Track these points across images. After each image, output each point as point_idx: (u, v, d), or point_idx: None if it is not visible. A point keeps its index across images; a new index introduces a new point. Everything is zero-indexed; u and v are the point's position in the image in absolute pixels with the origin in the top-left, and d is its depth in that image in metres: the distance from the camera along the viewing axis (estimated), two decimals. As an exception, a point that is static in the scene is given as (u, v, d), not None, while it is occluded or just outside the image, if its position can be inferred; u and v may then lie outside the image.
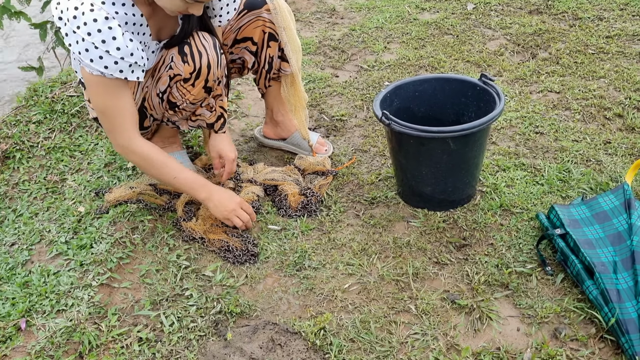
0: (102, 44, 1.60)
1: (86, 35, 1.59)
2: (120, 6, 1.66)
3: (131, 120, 1.79)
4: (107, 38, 1.60)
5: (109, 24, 1.60)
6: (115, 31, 1.61)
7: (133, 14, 1.70)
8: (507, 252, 1.84)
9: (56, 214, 2.09)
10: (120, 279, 1.81)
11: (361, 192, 2.16)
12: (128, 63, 1.66)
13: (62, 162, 2.36)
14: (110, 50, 1.62)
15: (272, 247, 1.92)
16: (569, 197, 2.04)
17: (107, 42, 1.61)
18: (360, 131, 2.55)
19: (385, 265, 1.83)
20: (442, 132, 1.82)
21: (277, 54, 2.18)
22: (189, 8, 1.66)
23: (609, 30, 3.38)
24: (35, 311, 1.69)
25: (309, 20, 3.83)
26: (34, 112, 2.59)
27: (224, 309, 1.70)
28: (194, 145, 2.44)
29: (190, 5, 1.64)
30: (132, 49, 1.66)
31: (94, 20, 1.58)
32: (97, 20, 1.58)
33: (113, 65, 1.64)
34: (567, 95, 2.73)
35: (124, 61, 1.65)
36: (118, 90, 1.73)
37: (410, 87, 2.13)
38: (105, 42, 1.60)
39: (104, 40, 1.60)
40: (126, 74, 1.68)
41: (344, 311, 1.68)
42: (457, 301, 1.69)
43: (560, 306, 1.64)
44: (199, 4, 1.65)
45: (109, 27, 1.60)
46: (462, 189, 2.03)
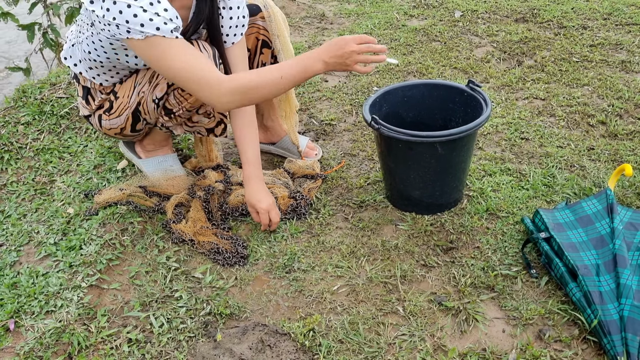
0: (150, 6, 1.58)
1: (132, 1, 1.56)
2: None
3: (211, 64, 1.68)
4: (153, 0, 1.59)
5: None
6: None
7: None
8: (493, 255, 1.87)
9: (45, 215, 2.09)
10: (109, 280, 1.81)
11: (350, 196, 2.18)
12: (175, 25, 1.63)
13: (51, 163, 2.36)
14: (159, 11, 1.59)
15: (262, 250, 1.94)
16: (553, 202, 2.08)
17: (154, 5, 1.59)
18: (349, 135, 2.58)
19: (373, 267, 1.85)
20: (430, 137, 1.85)
21: (270, 61, 2.20)
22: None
23: (593, 39, 3.44)
24: (23, 312, 1.69)
25: (298, 25, 3.86)
26: (23, 113, 2.58)
27: (214, 311, 1.71)
28: (184, 148, 2.45)
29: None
30: (174, 12, 1.63)
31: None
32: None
33: (164, 26, 1.60)
34: (552, 102, 2.78)
35: (172, 22, 1.62)
36: (177, 46, 1.63)
37: (399, 92, 2.16)
38: (152, 5, 1.59)
39: (151, 3, 1.59)
40: (176, 33, 1.63)
41: (332, 313, 1.70)
42: (444, 303, 1.71)
43: (544, 308, 1.67)
44: None
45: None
46: (450, 193, 2.06)
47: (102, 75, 1.92)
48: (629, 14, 3.79)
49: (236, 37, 1.95)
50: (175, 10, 1.64)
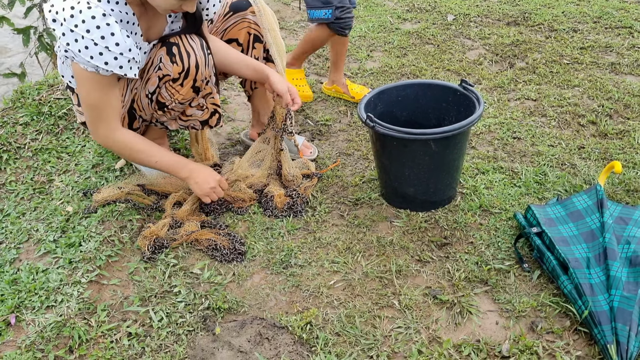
0: (101, 40, 1.64)
1: (85, 33, 1.62)
2: (114, 4, 1.71)
3: (117, 113, 1.88)
4: (106, 34, 1.64)
5: (107, 21, 1.64)
6: (114, 27, 1.66)
7: (126, 12, 1.74)
8: (486, 250, 1.91)
9: (44, 213, 2.11)
10: (109, 276, 1.84)
11: (345, 194, 2.22)
12: (127, 59, 1.71)
13: (50, 163, 2.38)
14: (110, 46, 1.66)
15: (259, 246, 1.97)
16: (545, 199, 2.12)
17: (106, 38, 1.65)
18: (344, 135, 2.62)
19: (369, 263, 1.89)
20: (424, 134, 1.89)
21: (263, 55, 2.24)
22: (182, 5, 1.71)
23: (583, 42, 3.50)
24: (24, 307, 1.71)
25: (293, 28, 3.90)
26: (21, 114, 2.60)
27: (212, 305, 1.73)
28: (181, 147, 2.47)
29: (184, 2, 1.69)
30: (129, 45, 1.70)
31: (92, 17, 1.62)
32: (95, 17, 1.62)
33: (113, 61, 1.68)
34: (543, 102, 2.82)
35: (123, 57, 1.69)
36: (109, 86, 1.79)
37: (394, 92, 2.20)
38: (104, 38, 1.64)
39: (103, 37, 1.64)
40: (125, 70, 1.72)
41: (329, 306, 1.73)
42: (438, 296, 1.75)
43: (536, 301, 1.71)
44: (192, 0, 1.70)
45: (107, 24, 1.64)
46: (443, 190, 2.09)
47: None
48: (618, 17, 3.85)
49: (215, 7, 2.01)
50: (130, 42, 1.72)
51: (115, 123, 1.87)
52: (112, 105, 1.83)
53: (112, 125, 1.87)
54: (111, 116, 1.85)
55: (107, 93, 1.80)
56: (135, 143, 1.92)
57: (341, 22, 2.64)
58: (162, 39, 1.92)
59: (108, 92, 1.80)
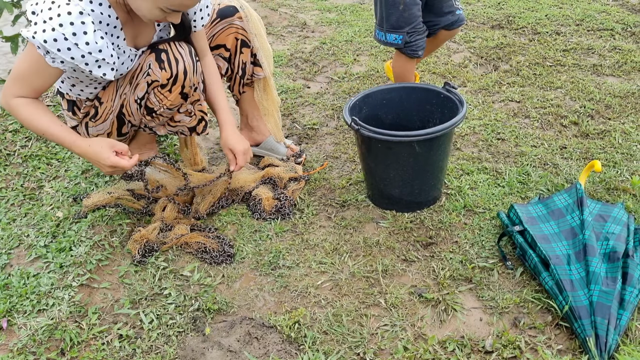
0: (72, 36, 1.67)
1: (58, 26, 1.65)
2: (97, 5, 1.73)
3: (31, 88, 1.81)
4: (77, 31, 1.67)
5: (82, 19, 1.67)
6: (87, 27, 1.68)
7: (109, 15, 1.77)
8: (470, 248, 1.95)
9: (34, 219, 2.13)
10: (99, 280, 1.86)
11: (333, 196, 2.25)
12: (95, 58, 1.73)
13: (39, 169, 2.40)
14: (79, 43, 1.68)
15: (248, 248, 2.00)
16: (527, 198, 2.17)
17: (77, 35, 1.67)
18: (331, 139, 2.65)
19: (356, 263, 1.92)
20: (408, 137, 1.93)
21: (250, 59, 2.28)
22: (167, 17, 1.74)
23: (566, 44, 3.56)
24: (16, 311, 1.73)
25: (280, 33, 3.94)
26: (10, 121, 2.62)
27: (202, 307, 1.76)
28: (170, 152, 2.50)
29: (168, 14, 1.72)
30: (101, 46, 1.72)
31: (68, 13, 1.65)
32: (71, 14, 1.65)
33: (80, 58, 1.70)
34: (526, 104, 2.88)
35: (91, 56, 1.71)
36: (46, 73, 1.76)
37: (379, 95, 2.24)
38: (75, 35, 1.67)
39: (74, 33, 1.66)
40: (91, 67, 1.74)
41: (317, 306, 1.77)
42: (424, 295, 1.78)
43: (519, 297, 1.75)
44: (176, 12, 1.74)
45: (81, 22, 1.67)
46: (428, 191, 2.14)
47: (85, 90, 1.98)
48: (600, 19, 3.92)
49: (203, 20, 2.03)
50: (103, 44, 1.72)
51: (21, 92, 1.80)
52: (32, 82, 1.79)
53: (16, 92, 1.80)
54: (23, 87, 1.80)
55: (37, 74, 1.77)
56: (24, 112, 1.82)
57: (412, 45, 2.52)
58: (151, 45, 1.95)
59: (39, 74, 1.77)
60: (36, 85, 1.81)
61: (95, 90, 2.01)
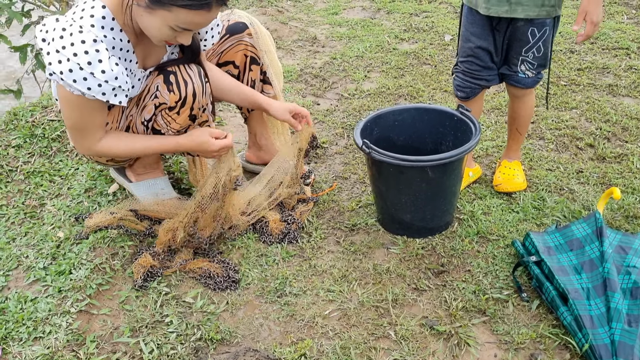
0: (87, 65, 1.62)
1: (72, 56, 1.60)
2: (108, 30, 1.69)
3: (99, 127, 1.82)
4: (93, 60, 1.62)
5: (97, 47, 1.62)
6: (102, 54, 1.63)
7: (120, 39, 1.72)
8: (484, 278, 1.88)
9: (34, 239, 2.07)
10: (99, 306, 1.80)
11: (342, 219, 2.19)
12: (112, 87, 1.68)
13: (42, 186, 2.35)
14: (95, 72, 1.63)
15: (253, 274, 1.93)
16: (543, 225, 2.09)
17: (92, 64, 1.62)
18: (340, 158, 2.59)
19: (365, 291, 1.85)
20: (421, 161, 1.86)
21: (259, 77, 2.22)
22: (177, 37, 1.69)
23: (580, 63, 3.50)
24: (11, 338, 1.67)
25: (290, 48, 3.90)
26: (14, 136, 2.58)
27: (205, 336, 1.69)
28: (176, 171, 2.45)
29: (178, 34, 1.67)
30: (116, 73, 1.68)
31: (82, 41, 1.60)
32: (85, 42, 1.60)
33: (96, 88, 1.66)
34: (540, 125, 2.81)
35: (107, 84, 1.67)
36: (94, 110, 1.75)
37: (390, 116, 2.18)
38: (91, 64, 1.62)
39: (90, 62, 1.62)
40: (108, 97, 1.70)
41: (324, 337, 1.70)
42: (435, 327, 1.71)
43: (536, 332, 1.67)
44: (187, 32, 1.68)
45: (96, 50, 1.62)
46: (440, 217, 2.07)
47: None
48: (615, 38, 3.85)
49: (214, 38, 1.99)
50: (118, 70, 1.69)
51: (98, 137, 1.83)
52: (93, 123, 1.80)
53: (92, 141, 1.83)
54: (92, 132, 1.81)
55: (90, 114, 1.76)
56: (117, 147, 1.87)
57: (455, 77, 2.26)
58: (159, 66, 1.90)
59: (93, 114, 1.76)
60: (97, 121, 1.81)
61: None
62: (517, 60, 2.10)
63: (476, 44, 2.10)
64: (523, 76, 2.13)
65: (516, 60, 2.11)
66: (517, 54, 2.09)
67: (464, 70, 2.18)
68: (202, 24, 1.67)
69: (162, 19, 1.62)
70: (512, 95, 2.25)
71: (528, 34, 2.04)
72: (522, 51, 2.08)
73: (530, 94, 2.22)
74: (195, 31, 1.70)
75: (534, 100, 2.27)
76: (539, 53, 2.08)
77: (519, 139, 2.33)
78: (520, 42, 2.06)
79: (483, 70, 2.14)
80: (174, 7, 1.58)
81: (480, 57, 2.12)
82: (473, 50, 2.12)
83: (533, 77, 2.14)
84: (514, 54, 2.10)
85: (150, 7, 1.60)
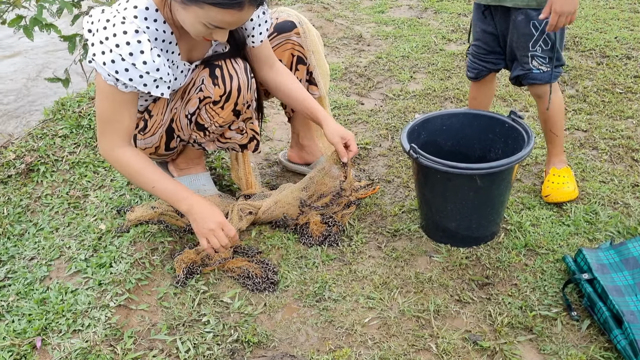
0: (129, 56, 1.61)
1: (114, 47, 1.60)
2: (152, 22, 1.67)
3: (125, 131, 1.77)
4: (134, 51, 1.61)
5: (139, 38, 1.61)
6: (144, 45, 1.62)
7: (164, 31, 1.71)
8: (531, 293, 1.80)
9: (77, 230, 2.08)
10: (137, 301, 1.79)
11: (384, 224, 2.14)
12: (153, 78, 1.67)
13: (86, 177, 2.37)
14: (137, 63, 1.62)
15: (292, 276, 1.90)
16: (595, 240, 2.00)
17: (134, 55, 1.62)
18: (384, 161, 2.54)
19: (406, 300, 1.80)
20: (470, 169, 1.80)
21: (305, 77, 2.19)
22: (212, 33, 1.66)
23: (637, 70, 3.35)
24: (51, 330, 1.68)
25: (335, 45, 3.85)
26: (61, 126, 2.60)
27: (241, 338, 1.67)
28: (217, 167, 2.43)
29: (213, 30, 1.64)
30: (158, 65, 1.66)
31: (124, 32, 1.60)
32: (127, 33, 1.60)
33: (138, 79, 1.65)
34: (594, 134, 2.69)
35: (149, 75, 1.66)
36: (124, 102, 1.73)
37: (438, 120, 2.11)
38: (132, 55, 1.61)
39: (131, 53, 1.61)
40: (150, 88, 1.69)
41: (363, 346, 1.65)
42: (479, 342, 1.65)
43: (586, 354, 1.59)
44: (221, 30, 1.65)
45: (138, 41, 1.61)
46: (487, 226, 1.99)
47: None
48: (675, 45, 3.68)
49: (262, 35, 1.94)
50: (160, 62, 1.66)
51: (120, 140, 1.77)
52: (121, 121, 1.76)
53: (115, 141, 1.77)
54: (117, 132, 1.76)
55: (120, 109, 1.74)
56: (134, 163, 1.78)
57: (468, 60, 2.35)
58: (205, 60, 1.88)
59: (121, 108, 1.74)
60: (125, 119, 1.76)
61: (146, 103, 1.95)
62: (527, 57, 2.10)
63: (482, 28, 2.20)
64: (538, 72, 2.11)
65: (526, 57, 2.10)
66: (525, 50, 2.09)
67: (473, 52, 2.28)
68: (234, 23, 1.63)
69: (195, 15, 1.59)
70: (535, 97, 2.23)
71: (530, 27, 2.04)
72: (529, 46, 2.08)
73: (555, 91, 2.17)
74: (228, 29, 1.67)
75: (561, 97, 2.22)
76: (547, 46, 2.07)
77: (556, 141, 2.27)
78: (525, 37, 2.07)
79: (489, 54, 2.22)
80: (205, 4, 1.55)
81: (487, 42, 2.21)
82: (480, 35, 2.21)
83: (549, 71, 2.11)
84: (523, 51, 2.10)
85: (184, 2, 1.58)
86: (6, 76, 4.33)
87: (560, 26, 1.94)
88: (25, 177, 2.36)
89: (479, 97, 2.41)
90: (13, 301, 1.78)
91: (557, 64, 2.10)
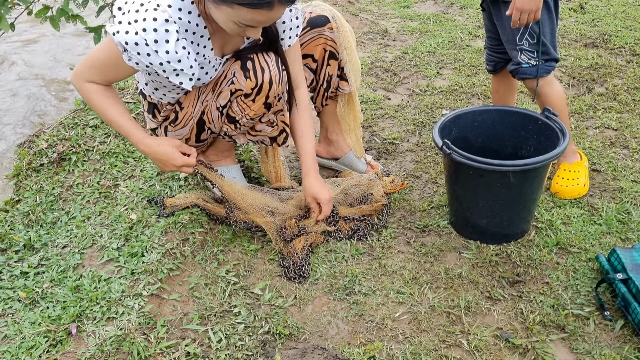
0: (154, 43, 1.61)
1: (141, 31, 1.60)
2: (185, 13, 1.67)
3: (106, 78, 1.80)
4: (160, 39, 1.61)
5: (167, 27, 1.61)
6: (171, 35, 1.62)
7: (197, 24, 1.71)
8: (563, 292, 1.79)
9: (108, 219, 2.11)
10: (169, 290, 1.81)
11: (413, 219, 2.13)
12: (172, 67, 1.67)
13: (116, 167, 2.39)
14: (159, 51, 1.63)
15: (322, 269, 1.90)
16: (628, 240, 1.98)
17: (158, 43, 1.62)
18: (412, 156, 2.53)
19: (436, 296, 1.80)
20: (504, 166, 1.78)
21: (337, 72, 2.18)
22: (245, 31, 1.66)
23: (669, 69, 3.30)
24: (85, 317, 1.70)
25: (361, 40, 3.84)
26: (92, 116, 2.63)
27: (272, 330, 1.68)
28: (246, 159, 2.44)
29: (245, 29, 1.64)
30: (180, 56, 1.66)
31: (154, 19, 1.60)
32: (156, 20, 1.60)
33: (157, 65, 1.65)
34: (625, 133, 2.66)
35: (169, 65, 1.66)
36: (119, 67, 1.74)
37: (470, 116, 2.10)
38: (157, 42, 1.62)
39: (156, 40, 1.61)
40: (169, 74, 1.69)
41: (394, 340, 1.65)
42: (511, 340, 1.64)
43: (619, 354, 1.58)
44: (253, 28, 1.65)
45: (165, 30, 1.61)
46: (517, 224, 1.98)
47: (168, 95, 1.93)
48: None
49: (291, 39, 1.94)
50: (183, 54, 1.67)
51: (96, 78, 1.79)
52: (107, 73, 1.79)
53: (91, 78, 1.79)
54: (99, 75, 1.79)
55: (114, 66, 1.75)
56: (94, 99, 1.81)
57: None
58: (237, 52, 1.88)
59: (116, 66, 1.74)
60: (110, 76, 1.81)
61: (177, 96, 1.96)
62: (516, 51, 2.12)
63: (487, 20, 2.26)
64: (527, 66, 2.11)
65: (515, 52, 2.12)
66: (513, 44, 2.11)
67: (487, 45, 2.34)
68: (265, 22, 1.63)
69: (226, 14, 1.59)
70: (530, 91, 2.21)
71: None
72: (516, 40, 2.09)
73: (549, 85, 2.15)
74: (260, 26, 1.67)
75: (559, 88, 2.20)
76: (533, 40, 2.06)
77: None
78: (513, 31, 2.08)
79: (500, 44, 2.24)
80: (235, 4, 1.55)
81: (493, 33, 2.25)
82: (488, 27, 2.28)
83: (538, 65, 2.11)
84: (512, 45, 2.12)
85: (215, 1, 1.58)
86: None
87: (524, 23, 1.96)
88: (57, 165, 2.39)
89: (501, 90, 2.43)
90: (47, 288, 1.81)
91: (547, 58, 2.10)
